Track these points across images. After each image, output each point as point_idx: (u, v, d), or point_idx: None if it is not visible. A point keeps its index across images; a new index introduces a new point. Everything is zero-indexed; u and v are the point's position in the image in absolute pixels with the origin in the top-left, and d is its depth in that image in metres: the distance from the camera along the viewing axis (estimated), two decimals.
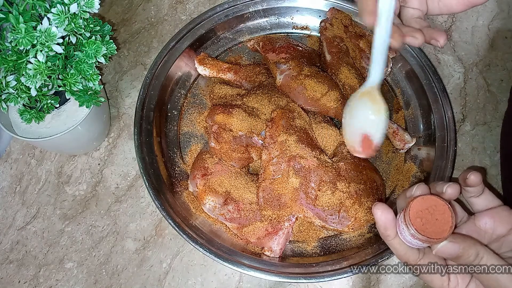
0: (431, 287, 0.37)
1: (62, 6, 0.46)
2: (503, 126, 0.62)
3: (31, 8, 0.46)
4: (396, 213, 0.37)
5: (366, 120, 0.42)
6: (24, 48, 0.45)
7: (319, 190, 0.52)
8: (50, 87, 0.51)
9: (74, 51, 0.50)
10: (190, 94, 0.67)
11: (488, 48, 0.70)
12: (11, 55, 0.45)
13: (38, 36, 0.44)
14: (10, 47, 0.45)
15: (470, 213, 0.40)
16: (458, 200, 0.41)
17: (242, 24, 0.70)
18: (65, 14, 0.46)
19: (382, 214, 0.36)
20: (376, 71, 0.40)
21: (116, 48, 0.54)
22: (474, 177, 0.36)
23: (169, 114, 0.65)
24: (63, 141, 0.55)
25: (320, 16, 0.70)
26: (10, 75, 0.47)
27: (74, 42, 0.49)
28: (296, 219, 0.55)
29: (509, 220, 0.37)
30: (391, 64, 0.66)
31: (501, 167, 0.59)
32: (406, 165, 0.61)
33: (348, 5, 0.68)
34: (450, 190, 0.36)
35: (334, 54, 0.64)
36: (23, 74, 0.46)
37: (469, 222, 0.39)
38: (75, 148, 0.62)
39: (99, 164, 0.63)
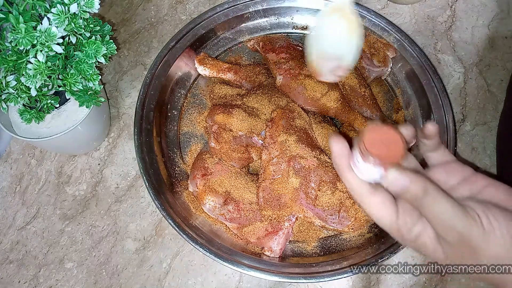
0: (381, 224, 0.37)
1: (62, 6, 0.46)
2: (499, 126, 0.62)
3: (31, 8, 0.46)
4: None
5: (338, 41, 0.38)
6: (24, 48, 0.44)
7: (319, 190, 0.52)
8: (50, 87, 0.51)
9: (74, 51, 0.50)
10: (190, 94, 0.67)
11: (488, 48, 0.70)
12: (11, 55, 0.45)
13: (38, 36, 0.44)
14: (10, 47, 0.45)
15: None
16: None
17: (242, 24, 0.70)
18: (65, 14, 0.46)
19: (337, 143, 0.36)
20: None
21: (116, 48, 0.54)
22: (431, 126, 0.37)
23: (169, 114, 0.65)
24: (63, 141, 0.55)
25: None
26: (10, 75, 0.47)
27: (74, 42, 0.49)
28: (296, 219, 0.55)
29: (460, 173, 0.38)
30: (391, 64, 0.66)
31: (497, 165, 0.60)
32: None
33: None
34: (404, 130, 0.37)
35: None
36: (23, 74, 0.46)
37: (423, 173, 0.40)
38: (75, 148, 0.62)
39: (99, 164, 0.63)
